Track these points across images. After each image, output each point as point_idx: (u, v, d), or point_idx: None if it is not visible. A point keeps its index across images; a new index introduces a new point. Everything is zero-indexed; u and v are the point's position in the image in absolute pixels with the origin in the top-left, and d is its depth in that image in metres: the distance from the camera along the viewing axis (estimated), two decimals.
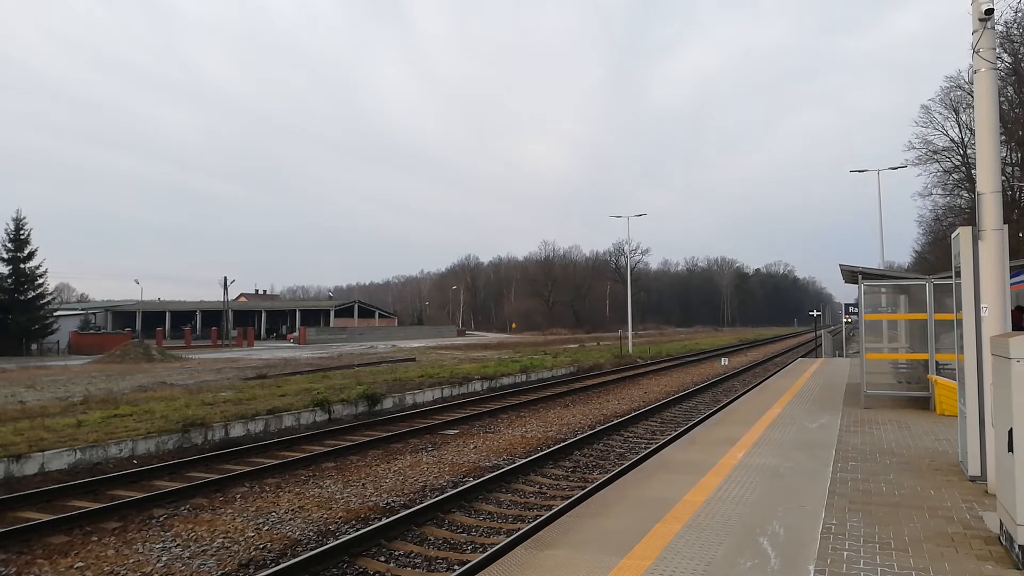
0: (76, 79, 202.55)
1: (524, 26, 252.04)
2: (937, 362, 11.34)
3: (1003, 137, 30.21)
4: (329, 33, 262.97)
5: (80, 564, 6.28)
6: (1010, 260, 6.21)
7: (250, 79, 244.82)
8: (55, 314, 52.10)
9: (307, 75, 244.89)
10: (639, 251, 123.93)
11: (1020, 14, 28.38)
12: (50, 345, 51.18)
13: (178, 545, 6.81)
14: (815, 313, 50.67)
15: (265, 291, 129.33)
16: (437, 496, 8.40)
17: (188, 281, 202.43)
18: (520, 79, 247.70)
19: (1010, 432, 4.14)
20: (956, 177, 41.09)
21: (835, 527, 5.12)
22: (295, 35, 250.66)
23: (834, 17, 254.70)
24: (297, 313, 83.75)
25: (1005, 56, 30.94)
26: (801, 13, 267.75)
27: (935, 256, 43.06)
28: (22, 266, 47.12)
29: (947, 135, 40.99)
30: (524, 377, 24.64)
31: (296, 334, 66.76)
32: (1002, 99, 30.34)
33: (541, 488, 9.08)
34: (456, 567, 5.93)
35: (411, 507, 7.90)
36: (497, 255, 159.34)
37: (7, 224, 47.40)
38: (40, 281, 48.24)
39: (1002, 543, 4.57)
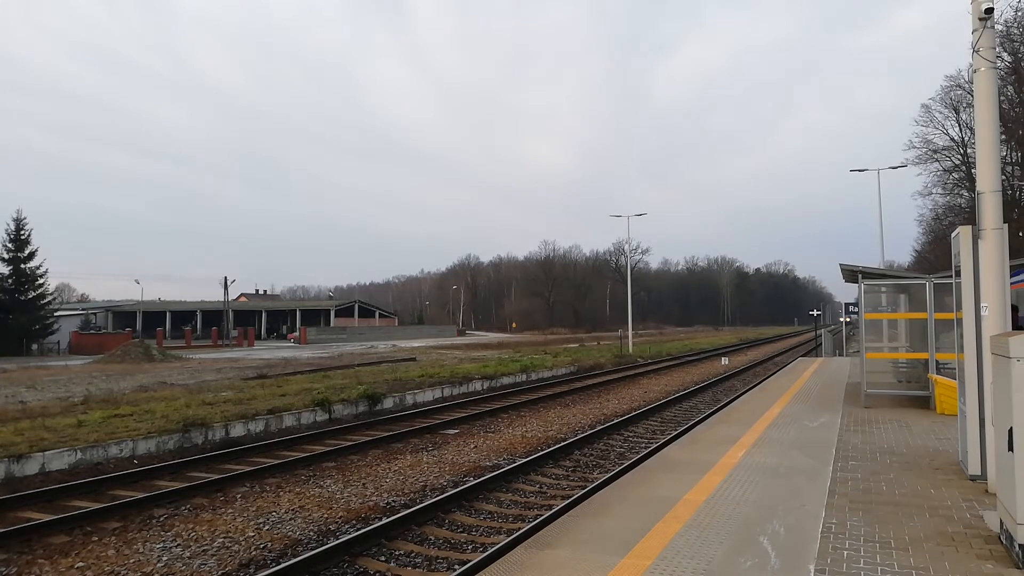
0: (75, 77, 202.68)
1: (525, 23, 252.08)
2: (937, 361, 11.34)
3: (1003, 136, 30.20)
4: (328, 29, 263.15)
5: (81, 564, 6.29)
6: (1010, 259, 6.20)
7: (250, 77, 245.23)
8: (55, 314, 52.15)
9: (306, 72, 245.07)
10: (639, 251, 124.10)
11: (1020, 13, 28.39)
12: (50, 345, 51.22)
13: (178, 545, 6.81)
14: (815, 312, 50.64)
15: (265, 291, 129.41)
16: (437, 496, 8.40)
17: (188, 281, 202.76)
18: (521, 76, 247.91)
19: (1010, 431, 4.14)
20: (956, 176, 41.09)
21: (835, 526, 5.12)
22: (294, 31, 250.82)
23: (835, 15, 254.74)
24: (297, 313, 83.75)
25: (1005, 55, 30.95)
26: (803, 10, 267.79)
27: (935, 255, 43.06)
28: (22, 266, 47.17)
29: (947, 134, 41.02)
30: (524, 377, 24.64)
31: (296, 334, 66.79)
32: (1002, 98, 30.33)
33: (541, 487, 9.09)
34: (456, 567, 5.93)
35: (411, 507, 7.90)
36: (497, 255, 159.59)
37: (7, 224, 47.56)
38: (40, 281, 48.32)
39: (1002, 542, 4.57)
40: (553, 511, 7.35)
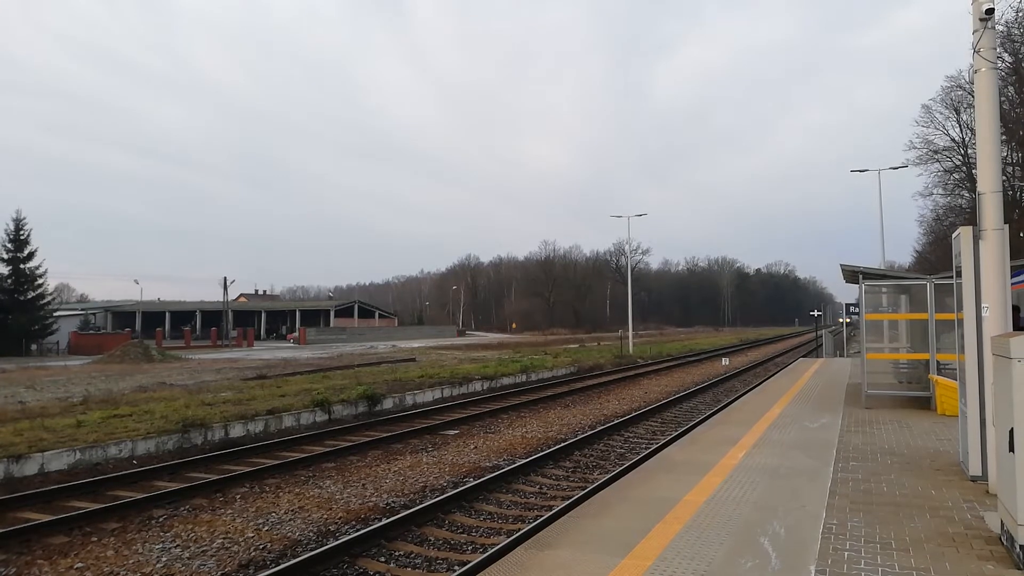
0: (75, 77, 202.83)
1: (525, 23, 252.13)
2: (938, 362, 11.33)
3: (1004, 137, 30.17)
4: (328, 30, 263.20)
5: (80, 565, 6.28)
6: (1011, 260, 6.20)
7: (249, 77, 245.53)
8: (55, 314, 52.09)
9: (306, 72, 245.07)
10: (640, 251, 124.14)
11: (1021, 14, 28.42)
12: (50, 345, 51.17)
13: (178, 546, 6.80)
14: (816, 313, 50.63)
15: (265, 291, 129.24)
16: (437, 496, 8.39)
17: (188, 281, 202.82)
18: (521, 76, 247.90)
19: (1011, 432, 4.13)
20: (957, 177, 41.05)
21: (836, 527, 5.11)
22: (294, 31, 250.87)
23: (835, 15, 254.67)
24: (297, 313, 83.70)
25: (1006, 56, 30.90)
26: (802, 10, 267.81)
27: (936, 256, 43.02)
28: (22, 266, 47.10)
29: (948, 135, 40.97)
30: (524, 377, 24.63)
31: (296, 334, 66.72)
32: (1003, 99, 30.30)
33: (541, 488, 9.07)
34: (456, 567, 5.92)
35: (411, 507, 7.89)
36: (497, 255, 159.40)
37: (7, 224, 47.42)
38: (40, 281, 48.25)
39: (1003, 543, 4.56)
40: (553, 512, 7.34)
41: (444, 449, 11.81)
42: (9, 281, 46.71)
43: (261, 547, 6.75)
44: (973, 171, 34.18)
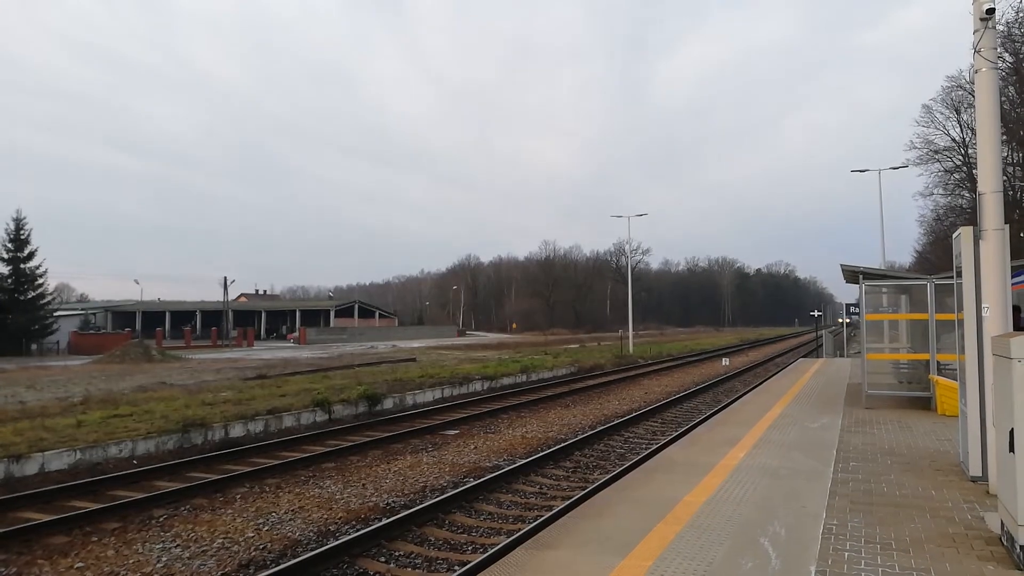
0: (74, 76, 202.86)
1: (525, 22, 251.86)
2: (938, 362, 11.33)
3: (1004, 137, 30.14)
4: (327, 29, 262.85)
5: (80, 564, 6.28)
6: (1011, 260, 6.20)
7: (249, 76, 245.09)
8: (55, 314, 52.10)
9: (307, 72, 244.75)
10: (640, 251, 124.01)
11: (1021, 14, 28.39)
12: (50, 345, 51.16)
13: (178, 545, 6.80)
14: (816, 313, 50.61)
15: (265, 291, 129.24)
16: (437, 496, 8.39)
17: (188, 281, 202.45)
18: (521, 75, 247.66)
19: (1011, 432, 4.12)
20: (957, 177, 41.03)
21: (836, 527, 5.11)
22: (294, 30, 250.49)
23: (836, 14, 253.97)
24: (297, 313, 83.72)
25: (1006, 56, 30.86)
26: (803, 10, 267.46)
27: (936, 256, 43.00)
28: (22, 266, 47.09)
29: (948, 135, 40.93)
30: (524, 377, 24.63)
31: (296, 334, 66.76)
32: (1003, 99, 30.27)
33: (542, 488, 9.08)
34: (456, 568, 5.93)
35: (411, 507, 7.89)
36: (497, 255, 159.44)
37: (7, 224, 47.40)
38: (40, 281, 48.26)
39: (1003, 544, 4.56)
40: (553, 512, 7.34)
41: (444, 449, 11.81)
42: (9, 281, 46.70)
43: (261, 547, 6.75)
44: (974, 171, 34.19)
